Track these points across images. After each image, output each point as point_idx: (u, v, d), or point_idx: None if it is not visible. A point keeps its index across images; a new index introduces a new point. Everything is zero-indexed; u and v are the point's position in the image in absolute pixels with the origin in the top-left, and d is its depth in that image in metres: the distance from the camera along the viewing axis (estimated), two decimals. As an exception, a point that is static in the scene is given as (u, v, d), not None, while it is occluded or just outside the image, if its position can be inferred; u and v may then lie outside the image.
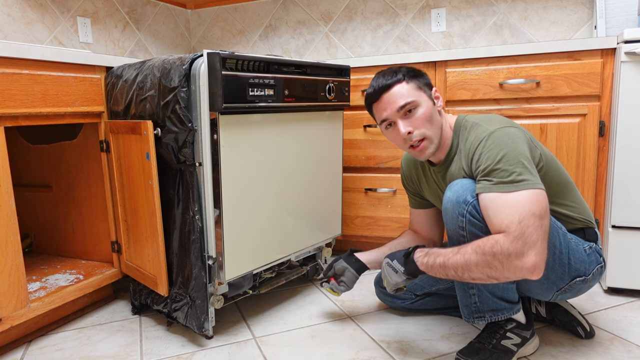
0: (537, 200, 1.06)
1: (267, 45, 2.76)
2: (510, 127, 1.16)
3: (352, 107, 2.01)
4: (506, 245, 1.04)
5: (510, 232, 1.04)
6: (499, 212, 1.07)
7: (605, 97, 1.67)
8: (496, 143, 1.13)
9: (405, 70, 1.24)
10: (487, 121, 1.21)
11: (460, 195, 1.16)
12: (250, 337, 1.46)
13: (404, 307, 1.56)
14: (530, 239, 1.03)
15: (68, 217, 1.80)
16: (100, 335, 1.50)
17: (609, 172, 1.67)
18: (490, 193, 1.10)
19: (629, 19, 1.94)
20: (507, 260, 1.04)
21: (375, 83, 1.25)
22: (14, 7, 1.95)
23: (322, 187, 1.73)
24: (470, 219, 1.15)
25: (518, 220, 1.04)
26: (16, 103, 1.31)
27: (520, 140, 1.13)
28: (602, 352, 1.32)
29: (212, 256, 1.37)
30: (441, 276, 1.15)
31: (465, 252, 1.10)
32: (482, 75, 1.79)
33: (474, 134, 1.20)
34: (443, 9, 2.36)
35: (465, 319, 1.28)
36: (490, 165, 1.11)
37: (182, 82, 1.29)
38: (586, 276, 1.23)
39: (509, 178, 1.08)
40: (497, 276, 1.07)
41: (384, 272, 1.28)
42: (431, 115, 1.22)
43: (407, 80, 1.22)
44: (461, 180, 1.19)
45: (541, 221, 1.05)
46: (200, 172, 1.33)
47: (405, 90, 1.21)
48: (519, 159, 1.10)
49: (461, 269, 1.10)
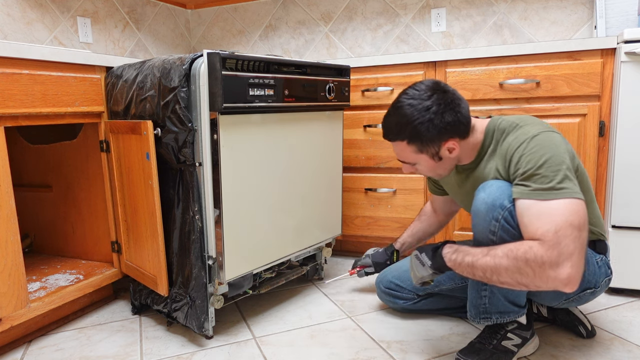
0: (576, 211, 1.02)
1: (267, 45, 2.76)
2: (554, 132, 1.12)
3: (352, 107, 2.01)
4: (540, 253, 1.00)
5: (545, 240, 1.00)
6: (535, 219, 1.03)
7: (605, 97, 1.67)
8: (539, 147, 1.08)
9: (412, 128, 1.16)
10: (527, 122, 1.16)
11: (496, 199, 1.11)
12: (250, 337, 1.46)
13: (406, 308, 1.55)
14: (567, 250, 0.99)
15: (68, 217, 1.80)
16: (100, 335, 1.50)
17: (609, 172, 1.67)
18: (528, 199, 1.05)
19: (629, 19, 1.94)
20: (540, 268, 1.00)
21: (384, 123, 1.23)
22: (14, 7, 1.95)
23: (322, 187, 1.73)
24: (504, 225, 1.10)
25: (555, 230, 1.00)
26: (16, 103, 1.31)
27: (562, 147, 1.09)
28: (602, 352, 1.32)
29: (212, 256, 1.37)
30: (468, 275, 1.12)
31: (496, 254, 1.06)
32: (482, 75, 1.79)
33: (513, 134, 1.15)
34: (443, 9, 2.36)
35: (471, 319, 1.27)
36: (531, 169, 1.07)
37: (182, 82, 1.29)
38: (595, 288, 1.23)
39: (549, 185, 1.04)
40: (527, 283, 1.03)
41: (412, 263, 1.27)
42: (433, 168, 1.24)
43: (409, 142, 1.19)
44: (497, 182, 1.14)
45: (579, 232, 1.01)
46: (200, 172, 1.33)
47: (405, 151, 1.21)
48: (561, 166, 1.05)
49: (490, 271, 1.06)
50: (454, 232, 1.92)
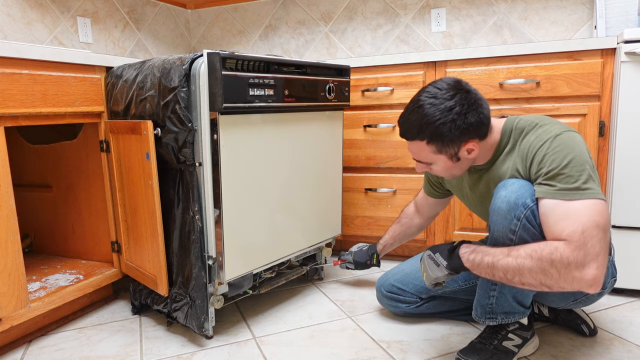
0: (601, 212, 1.01)
1: (267, 45, 2.76)
2: (575, 132, 1.11)
3: (352, 107, 2.01)
4: (567, 254, 0.98)
5: (572, 241, 0.99)
6: (560, 220, 1.02)
7: (605, 97, 1.67)
8: (563, 146, 1.06)
9: (433, 128, 1.12)
10: (547, 122, 1.14)
11: (519, 197, 1.09)
12: (250, 337, 1.46)
13: (408, 312, 1.52)
14: (593, 251, 0.98)
15: (68, 217, 1.80)
16: (100, 335, 1.50)
17: (609, 172, 1.67)
18: (553, 199, 1.04)
19: (629, 19, 1.94)
20: (566, 269, 0.99)
21: (401, 120, 1.18)
22: (14, 7, 1.95)
23: (322, 187, 1.73)
24: (525, 224, 1.08)
25: (581, 230, 0.99)
26: (16, 103, 1.31)
27: (584, 147, 1.08)
28: (602, 352, 1.32)
29: (212, 256, 1.37)
30: (487, 276, 1.10)
31: (519, 255, 1.04)
32: (482, 75, 1.79)
33: (534, 133, 1.13)
34: (443, 9, 2.36)
35: (477, 318, 1.27)
36: (556, 168, 1.05)
37: (182, 82, 1.29)
38: (603, 289, 1.23)
39: (574, 185, 1.02)
40: (550, 285, 1.02)
41: (425, 264, 1.23)
42: (449, 169, 1.20)
43: (429, 142, 1.14)
44: (518, 180, 1.12)
45: (604, 233, 1.00)
46: (200, 172, 1.33)
47: (423, 151, 1.17)
48: (585, 165, 1.04)
49: (512, 272, 1.04)
50: (453, 232, 1.92)
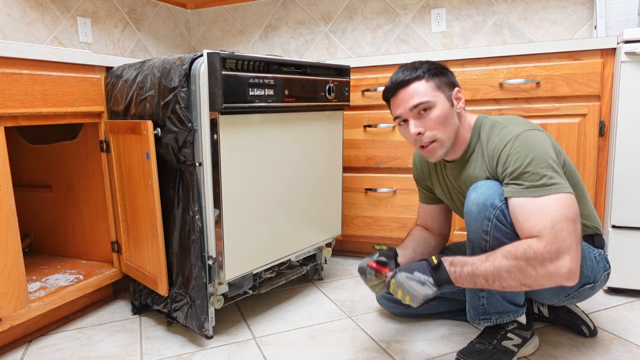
0: (569, 204, 1.03)
1: (267, 45, 2.76)
2: (537, 130, 1.13)
3: (352, 107, 2.01)
4: (540, 249, 1.00)
5: (543, 236, 1.01)
6: (530, 216, 1.04)
7: (605, 97, 1.67)
8: (524, 145, 1.09)
9: (427, 66, 1.18)
10: (511, 122, 1.17)
11: (487, 198, 1.12)
12: (250, 337, 1.46)
13: (407, 312, 1.53)
14: (565, 244, 1.00)
15: (68, 217, 1.80)
16: (100, 335, 1.50)
17: (609, 172, 1.67)
18: (521, 197, 1.06)
19: (629, 19, 1.94)
20: (542, 265, 1.00)
21: (394, 77, 1.20)
22: (14, 7, 1.95)
23: (322, 187, 1.73)
24: (496, 224, 1.11)
25: (551, 225, 1.01)
26: (16, 103, 1.31)
27: (547, 144, 1.10)
28: (602, 352, 1.32)
29: (212, 256, 1.37)
30: (470, 286, 1.10)
31: (495, 258, 1.05)
32: (482, 75, 1.79)
33: (498, 135, 1.16)
34: (443, 9, 2.36)
35: (471, 320, 1.27)
36: (520, 167, 1.08)
37: (182, 82, 1.29)
38: (594, 283, 1.23)
39: (540, 182, 1.05)
40: (530, 283, 1.03)
41: (405, 287, 1.14)
42: (446, 117, 1.17)
43: (427, 79, 1.17)
44: (487, 182, 1.15)
45: (574, 225, 1.02)
46: (200, 172, 1.33)
47: (422, 88, 1.16)
48: (548, 162, 1.07)
49: (492, 277, 1.05)
50: (453, 232, 1.92)
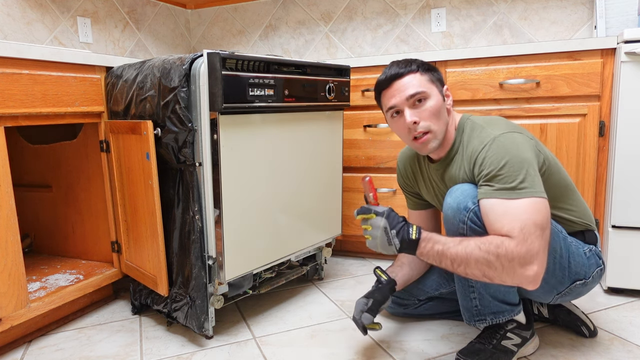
0: (539, 210, 1.05)
1: (267, 45, 2.76)
2: (515, 133, 1.14)
3: (352, 107, 2.01)
4: (511, 248, 1.02)
5: (513, 236, 1.02)
6: (499, 218, 1.06)
7: (605, 97, 1.67)
8: (501, 148, 1.10)
9: (420, 62, 1.22)
10: (492, 124, 1.19)
11: (460, 202, 1.14)
12: (250, 337, 1.46)
13: (407, 313, 1.53)
14: (533, 247, 1.02)
15: (68, 217, 1.80)
16: (100, 335, 1.50)
17: (609, 172, 1.67)
18: (492, 199, 1.08)
19: (629, 19, 1.94)
20: (510, 264, 1.02)
21: (388, 70, 1.22)
22: (14, 7, 1.95)
23: (322, 187, 1.73)
24: (471, 226, 1.13)
25: (520, 228, 1.02)
26: (16, 103, 1.31)
27: (525, 147, 1.11)
28: (602, 352, 1.32)
29: (212, 256, 1.37)
30: (434, 263, 1.12)
31: (468, 245, 1.07)
32: (482, 75, 1.79)
33: (477, 137, 1.18)
34: (443, 9, 2.36)
35: (467, 322, 1.28)
36: (494, 170, 1.09)
37: (182, 82, 1.29)
38: (586, 279, 1.23)
39: (511, 184, 1.06)
40: (492, 276, 1.05)
41: (377, 234, 1.15)
42: (439, 109, 1.19)
43: (421, 72, 1.20)
44: (462, 186, 1.17)
45: (542, 231, 1.04)
46: (200, 172, 1.33)
47: (417, 80, 1.19)
48: (523, 165, 1.08)
49: (459, 261, 1.07)
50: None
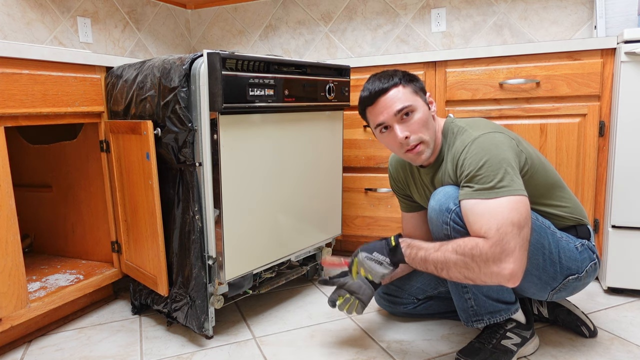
0: (516, 208, 1.06)
1: (267, 45, 2.76)
2: (496, 133, 1.15)
3: (352, 107, 2.01)
4: (485, 249, 1.04)
5: (489, 237, 1.04)
6: (478, 218, 1.07)
7: (605, 97, 1.67)
8: (479, 149, 1.12)
9: (401, 73, 1.23)
10: (473, 126, 1.20)
11: (443, 204, 1.16)
12: (250, 337, 1.46)
13: (406, 312, 1.53)
14: (509, 247, 1.03)
15: (68, 217, 1.80)
16: (100, 335, 1.50)
17: (609, 172, 1.67)
18: (472, 199, 1.09)
19: (629, 19, 1.94)
20: (485, 264, 1.04)
21: (370, 86, 1.22)
22: (14, 7, 1.95)
23: (322, 187, 1.73)
24: (454, 227, 1.14)
25: (496, 227, 1.04)
26: (16, 103, 1.31)
27: (504, 146, 1.12)
28: (602, 352, 1.32)
29: (212, 256, 1.38)
30: (422, 269, 1.17)
31: (446, 250, 1.10)
32: (482, 75, 1.79)
33: (459, 139, 1.19)
34: (443, 9, 2.36)
35: (465, 323, 1.28)
36: (473, 171, 1.11)
37: (182, 82, 1.29)
38: (579, 274, 1.23)
39: (490, 184, 1.08)
40: (473, 278, 1.08)
41: (365, 266, 1.26)
42: (427, 119, 1.21)
43: (404, 85, 1.20)
44: (444, 188, 1.19)
45: (520, 230, 1.05)
46: (200, 172, 1.33)
47: (402, 94, 1.19)
48: (501, 164, 1.09)
49: (440, 265, 1.11)
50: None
